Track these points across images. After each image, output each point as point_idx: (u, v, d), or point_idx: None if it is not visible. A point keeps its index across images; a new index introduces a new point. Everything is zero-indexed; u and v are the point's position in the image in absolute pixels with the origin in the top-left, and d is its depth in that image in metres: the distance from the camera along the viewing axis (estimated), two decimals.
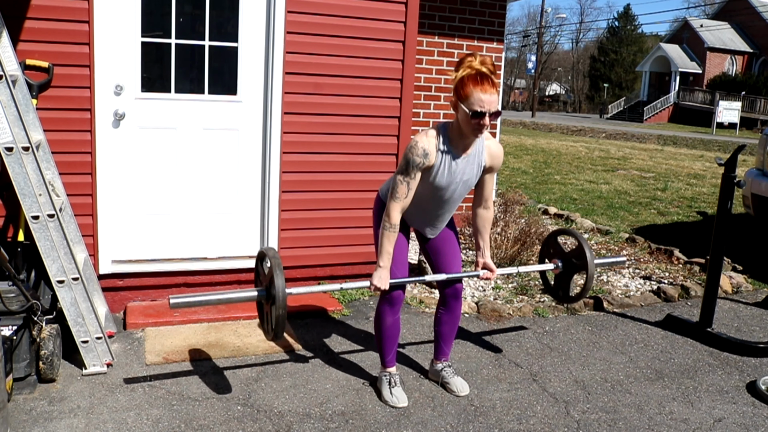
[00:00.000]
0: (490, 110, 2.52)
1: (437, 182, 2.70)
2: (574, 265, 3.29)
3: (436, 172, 2.67)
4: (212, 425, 2.66)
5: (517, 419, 2.83)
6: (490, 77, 2.53)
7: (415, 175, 2.64)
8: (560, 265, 3.32)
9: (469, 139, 2.65)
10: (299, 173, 4.02)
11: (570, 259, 3.30)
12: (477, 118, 2.52)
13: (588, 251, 3.19)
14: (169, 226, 3.90)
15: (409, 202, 2.71)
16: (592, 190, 9.48)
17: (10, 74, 2.95)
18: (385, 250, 2.72)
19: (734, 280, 4.90)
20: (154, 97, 3.75)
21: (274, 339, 2.66)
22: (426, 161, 2.62)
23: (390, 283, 2.77)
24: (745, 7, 40.65)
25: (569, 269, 3.32)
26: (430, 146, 2.63)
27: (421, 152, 2.60)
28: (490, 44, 6.08)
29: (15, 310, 2.81)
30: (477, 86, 2.50)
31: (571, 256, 3.30)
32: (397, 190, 2.66)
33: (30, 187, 2.88)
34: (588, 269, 3.20)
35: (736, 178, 3.72)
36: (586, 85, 62.00)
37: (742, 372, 3.43)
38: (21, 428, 2.55)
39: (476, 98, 2.50)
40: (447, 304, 3.04)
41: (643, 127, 32.96)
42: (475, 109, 2.51)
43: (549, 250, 3.45)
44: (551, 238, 3.45)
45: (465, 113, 2.54)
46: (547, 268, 3.35)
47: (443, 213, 2.88)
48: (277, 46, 3.84)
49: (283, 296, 2.54)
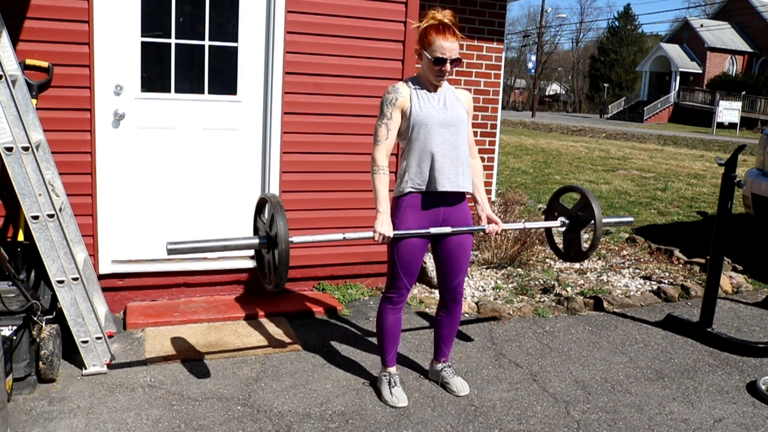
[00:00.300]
0: (451, 57, 2.68)
1: (424, 115, 2.74)
2: (581, 220, 3.25)
3: (414, 106, 2.75)
4: (212, 425, 2.66)
5: (517, 419, 2.83)
6: (452, 27, 2.69)
7: (392, 114, 2.76)
8: (567, 222, 3.30)
9: (435, 85, 2.79)
10: (299, 173, 4.02)
11: (576, 215, 3.27)
12: (439, 65, 2.68)
13: (593, 201, 3.15)
14: (169, 226, 3.90)
15: (391, 144, 2.78)
16: (593, 190, 9.48)
17: (10, 74, 2.95)
18: (381, 194, 2.75)
19: (734, 280, 4.90)
20: (154, 97, 3.75)
21: (275, 287, 2.60)
22: (398, 95, 2.74)
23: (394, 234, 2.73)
24: (745, 7, 40.64)
25: (576, 225, 3.28)
26: (398, 84, 2.79)
27: (391, 89, 2.76)
28: (490, 44, 6.08)
29: (15, 310, 2.81)
30: (439, 35, 2.66)
31: (576, 210, 3.26)
32: (378, 133, 2.77)
33: (30, 187, 2.88)
34: (596, 220, 3.14)
35: (736, 178, 3.71)
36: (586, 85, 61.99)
37: (742, 372, 3.43)
38: (21, 428, 2.55)
39: (438, 45, 2.66)
40: (447, 307, 3.04)
41: (644, 127, 32.95)
42: (436, 56, 2.67)
43: (553, 212, 3.41)
44: (554, 199, 3.42)
45: (428, 60, 2.70)
46: (554, 224, 3.32)
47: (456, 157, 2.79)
48: (277, 46, 3.83)
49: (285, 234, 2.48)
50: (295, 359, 3.31)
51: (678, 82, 40.66)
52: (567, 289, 4.63)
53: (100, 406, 2.75)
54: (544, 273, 5.01)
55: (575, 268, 5.18)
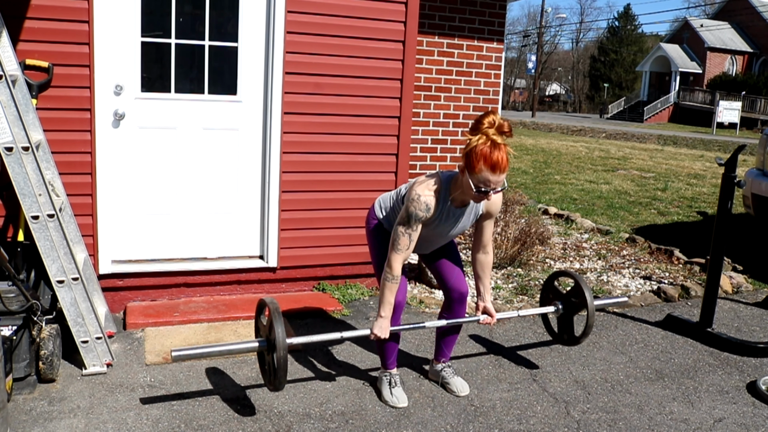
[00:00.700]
0: (495, 189, 2.53)
1: (435, 230, 2.77)
2: (574, 305, 3.26)
3: (435, 222, 2.72)
4: (212, 425, 2.66)
5: (517, 419, 2.83)
6: (504, 153, 2.47)
7: (417, 228, 2.66)
8: (560, 307, 3.30)
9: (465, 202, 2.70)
10: (299, 173, 4.02)
11: (570, 300, 3.28)
12: (480, 195, 2.54)
13: (586, 289, 3.16)
14: (169, 226, 3.90)
15: (409, 254, 2.72)
16: (592, 190, 9.48)
17: (10, 74, 2.95)
18: (387, 301, 2.72)
19: (734, 280, 4.90)
20: (154, 97, 3.75)
21: (275, 389, 2.66)
22: (428, 215, 2.65)
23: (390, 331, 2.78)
24: (745, 7, 40.65)
25: (569, 310, 3.29)
26: (432, 201, 2.64)
27: (423, 207, 2.62)
28: (490, 44, 6.08)
29: (15, 310, 2.81)
30: (487, 165, 2.46)
31: (570, 296, 3.28)
32: (399, 242, 2.67)
33: (30, 187, 2.88)
34: (588, 308, 3.15)
35: (736, 178, 3.71)
36: (586, 85, 61.99)
37: (742, 372, 3.43)
38: (21, 428, 2.55)
39: (483, 178, 2.48)
40: (452, 308, 3.02)
41: (644, 127, 32.96)
42: (480, 188, 2.51)
43: (548, 295, 3.43)
44: (549, 283, 3.43)
45: (469, 184, 2.52)
46: (547, 310, 3.33)
47: (439, 245, 2.96)
48: (277, 46, 3.83)
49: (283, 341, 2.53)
50: (295, 359, 3.31)
51: (678, 82, 40.66)
52: (567, 289, 4.62)
53: (100, 406, 2.75)
54: (544, 273, 5.01)
55: (575, 269, 5.18)
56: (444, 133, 6.10)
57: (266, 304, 2.67)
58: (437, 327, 3.04)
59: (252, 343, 2.70)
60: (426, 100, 5.95)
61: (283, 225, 4.04)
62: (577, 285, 3.21)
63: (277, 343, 2.53)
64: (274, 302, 2.65)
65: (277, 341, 2.53)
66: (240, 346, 2.70)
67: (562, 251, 5.68)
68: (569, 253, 5.63)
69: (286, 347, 2.55)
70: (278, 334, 2.53)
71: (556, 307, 3.31)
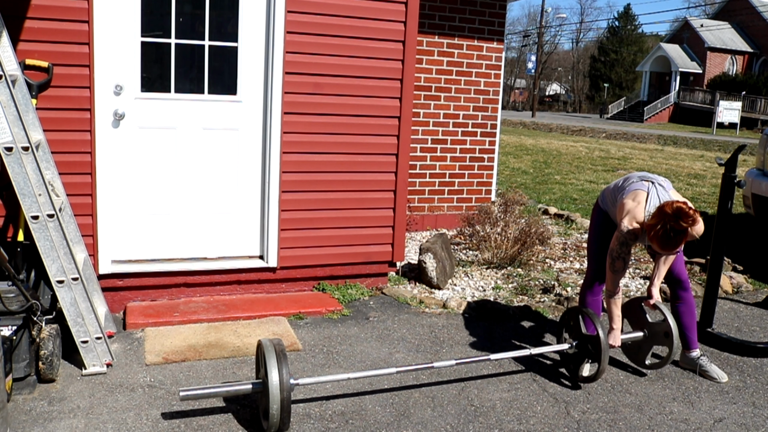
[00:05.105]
0: None
1: None
2: (588, 349, 3.15)
3: None
4: (212, 425, 2.66)
5: (517, 419, 2.83)
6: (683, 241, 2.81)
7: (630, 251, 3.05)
8: (574, 345, 3.21)
9: None
10: (299, 173, 4.02)
11: (585, 341, 3.17)
12: None
13: (603, 331, 3.07)
14: (169, 226, 3.90)
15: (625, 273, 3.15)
16: (593, 190, 9.48)
17: (10, 74, 2.95)
18: (615, 314, 3.16)
19: (734, 280, 4.90)
20: (154, 97, 3.75)
21: None
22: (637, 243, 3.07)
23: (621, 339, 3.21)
24: (745, 7, 40.64)
25: (583, 352, 3.19)
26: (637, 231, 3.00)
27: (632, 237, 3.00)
28: (490, 44, 6.08)
29: (15, 310, 2.81)
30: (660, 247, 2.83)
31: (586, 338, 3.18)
32: (615, 265, 3.04)
33: (30, 187, 2.88)
34: (602, 351, 3.05)
35: (736, 178, 3.71)
36: (586, 85, 61.98)
37: (742, 372, 3.43)
38: (21, 428, 2.55)
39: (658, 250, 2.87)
40: (678, 296, 3.34)
41: (644, 127, 32.95)
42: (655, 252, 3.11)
43: (567, 325, 3.34)
44: (567, 320, 3.34)
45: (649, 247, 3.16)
46: (563, 347, 3.24)
47: None
48: (277, 46, 3.83)
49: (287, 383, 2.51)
50: (295, 359, 3.31)
51: (678, 82, 40.66)
52: (567, 289, 4.62)
53: (100, 406, 2.75)
54: (544, 273, 5.01)
55: (575, 269, 5.18)
56: (444, 133, 6.10)
57: (263, 346, 2.63)
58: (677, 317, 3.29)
59: (257, 384, 2.64)
60: (426, 100, 5.96)
61: (283, 225, 4.04)
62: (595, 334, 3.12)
63: (281, 387, 2.53)
64: (281, 345, 2.64)
65: (282, 384, 2.52)
66: (247, 387, 2.64)
67: (562, 251, 5.68)
68: (569, 253, 5.63)
69: (290, 390, 2.56)
70: (284, 376, 2.54)
71: (571, 345, 3.22)
